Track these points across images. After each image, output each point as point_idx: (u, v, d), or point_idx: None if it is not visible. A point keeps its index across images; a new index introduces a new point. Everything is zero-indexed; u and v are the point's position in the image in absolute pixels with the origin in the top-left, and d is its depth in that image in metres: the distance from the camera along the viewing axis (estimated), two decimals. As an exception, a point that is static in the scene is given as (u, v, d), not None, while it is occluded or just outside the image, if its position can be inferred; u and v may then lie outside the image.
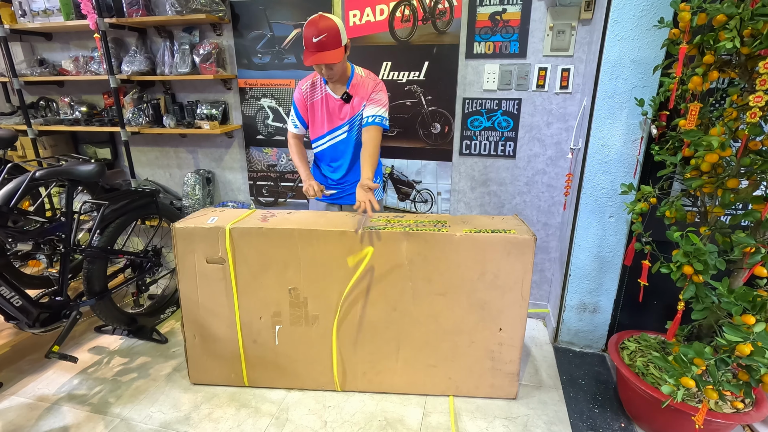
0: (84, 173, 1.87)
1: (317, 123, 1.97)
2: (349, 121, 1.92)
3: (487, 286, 1.72)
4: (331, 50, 1.69)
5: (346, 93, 1.86)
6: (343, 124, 1.93)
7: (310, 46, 1.70)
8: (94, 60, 2.68)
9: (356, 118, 1.91)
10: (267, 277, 1.79)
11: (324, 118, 1.94)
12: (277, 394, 1.91)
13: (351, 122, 1.92)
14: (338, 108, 1.90)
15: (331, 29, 1.67)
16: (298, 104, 1.97)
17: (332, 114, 1.93)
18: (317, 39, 1.66)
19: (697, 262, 1.41)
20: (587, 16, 2.01)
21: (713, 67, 1.32)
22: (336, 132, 1.95)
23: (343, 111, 1.91)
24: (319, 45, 1.67)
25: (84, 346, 2.27)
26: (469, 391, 1.89)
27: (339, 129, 1.94)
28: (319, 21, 1.67)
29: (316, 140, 2.02)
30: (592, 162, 1.95)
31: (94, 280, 2.01)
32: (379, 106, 1.85)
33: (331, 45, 1.69)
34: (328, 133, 1.97)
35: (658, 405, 1.59)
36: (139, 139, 2.88)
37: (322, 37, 1.66)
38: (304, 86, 1.93)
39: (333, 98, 1.89)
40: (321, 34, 1.65)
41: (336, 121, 1.93)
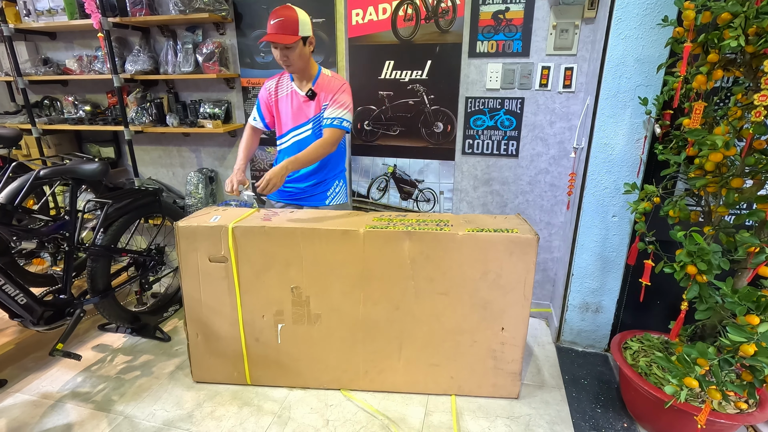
0: (88, 172, 1.88)
1: (283, 119, 2.01)
2: (314, 118, 1.94)
3: (490, 285, 1.72)
4: (283, 33, 1.75)
5: (311, 90, 1.90)
6: (307, 122, 1.96)
7: (268, 26, 1.77)
8: (98, 59, 2.69)
9: (319, 117, 1.93)
10: (269, 275, 1.79)
11: (289, 114, 1.98)
12: (279, 393, 1.91)
13: (315, 120, 1.94)
14: (303, 105, 1.94)
15: (290, 17, 1.74)
16: (261, 101, 2.03)
17: (297, 111, 1.96)
18: (274, 21, 1.74)
19: (700, 262, 1.41)
20: (591, 15, 2.00)
21: (717, 65, 1.31)
22: (300, 129, 1.98)
23: (307, 108, 1.94)
24: (275, 26, 1.74)
25: (88, 344, 2.29)
26: (471, 391, 1.88)
27: (303, 126, 1.97)
28: (282, 9, 1.75)
29: (281, 137, 2.04)
30: (595, 161, 1.94)
31: (97, 279, 2.02)
32: (341, 108, 1.87)
33: (286, 30, 1.74)
34: (292, 129, 1.99)
35: (660, 405, 1.59)
36: (142, 138, 2.89)
37: (279, 20, 1.73)
38: (269, 84, 2.00)
39: (298, 95, 1.93)
40: (278, 18, 1.73)
41: (301, 118, 1.96)
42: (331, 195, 2.10)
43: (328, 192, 2.10)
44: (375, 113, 2.43)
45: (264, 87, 2.01)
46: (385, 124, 2.44)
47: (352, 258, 1.74)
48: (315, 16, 2.35)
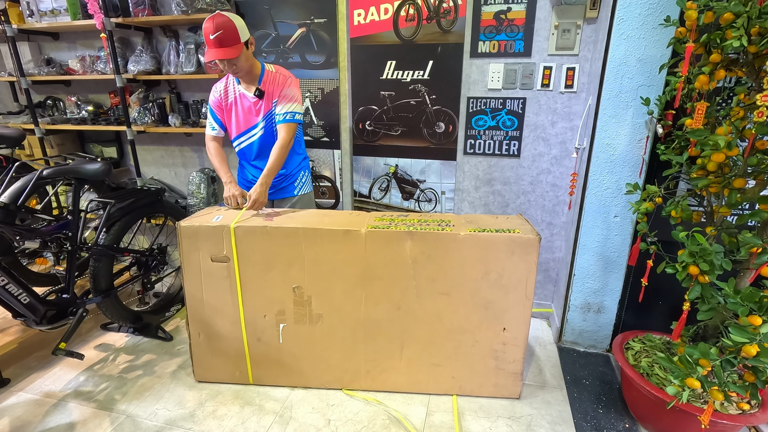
0: (90, 172, 1.89)
1: (234, 123, 2.01)
2: (265, 117, 1.96)
3: (491, 285, 1.72)
4: (228, 46, 1.74)
5: (257, 89, 1.91)
6: (258, 123, 1.97)
7: (208, 42, 1.75)
8: (101, 59, 2.69)
9: (271, 113, 1.95)
10: (271, 275, 1.80)
11: (240, 116, 1.99)
12: (281, 392, 1.92)
13: (266, 118, 1.96)
14: (252, 105, 1.95)
15: (227, 25, 1.72)
16: (213, 106, 2.02)
17: (248, 112, 1.97)
18: (214, 36, 1.71)
19: (702, 263, 1.40)
20: (593, 15, 2.00)
21: (720, 65, 1.31)
22: (253, 130, 2.00)
23: (257, 108, 1.95)
24: (217, 41, 1.72)
25: (90, 343, 2.29)
26: (473, 391, 1.88)
27: (255, 127, 1.99)
28: (215, 18, 1.72)
29: (235, 139, 2.06)
30: (597, 161, 1.94)
31: (100, 278, 2.03)
32: (290, 102, 1.90)
33: (228, 41, 1.74)
34: (246, 131, 2.01)
35: (662, 406, 1.58)
36: (144, 138, 2.90)
37: (219, 33, 1.71)
38: (218, 88, 2.00)
39: (247, 96, 1.94)
40: (217, 30, 1.71)
41: (252, 119, 1.98)
42: (298, 186, 2.15)
43: (295, 183, 2.15)
44: (377, 113, 2.43)
45: (213, 91, 2.01)
46: (387, 124, 2.44)
47: (353, 258, 1.74)
48: (316, 16, 2.35)
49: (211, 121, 2.04)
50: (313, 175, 2.69)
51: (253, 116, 1.98)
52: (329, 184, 2.68)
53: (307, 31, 2.39)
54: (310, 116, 2.56)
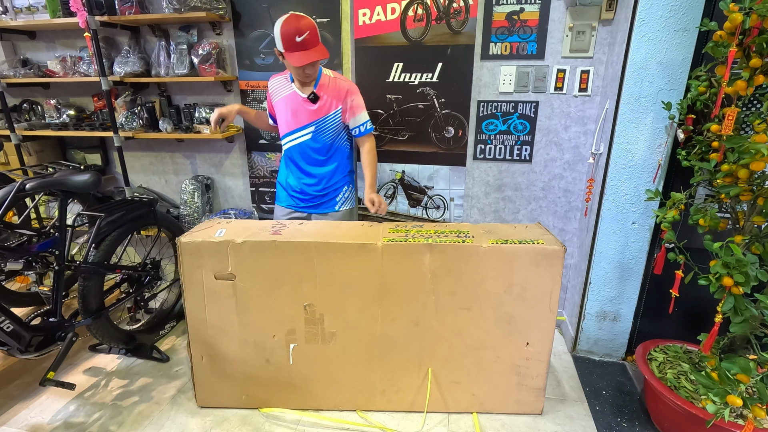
0: (79, 184, 1.73)
1: (281, 120, 1.95)
2: (316, 122, 1.89)
3: (515, 299, 1.64)
4: (316, 47, 1.70)
5: (313, 93, 1.84)
6: (308, 125, 1.89)
7: (293, 45, 1.67)
8: (83, 60, 2.52)
9: (325, 120, 1.89)
10: (280, 293, 1.68)
11: (289, 115, 1.91)
12: (291, 416, 1.80)
13: (318, 124, 1.89)
14: (304, 107, 1.87)
15: (311, 26, 1.68)
16: (268, 97, 2.02)
17: (297, 112, 1.89)
18: (301, 38, 1.66)
19: (737, 274, 1.36)
20: (608, 17, 1.95)
21: (759, 71, 1.26)
22: (301, 131, 1.92)
23: (309, 110, 1.88)
24: (305, 43, 1.67)
25: (78, 367, 2.13)
26: (494, 408, 1.81)
27: (304, 129, 1.91)
28: (299, 20, 1.67)
29: (283, 137, 1.99)
30: (615, 167, 1.89)
31: (90, 298, 1.87)
32: (362, 111, 1.91)
33: (315, 41, 1.70)
34: (294, 131, 1.93)
35: (693, 420, 1.54)
36: (132, 144, 2.73)
37: (306, 35, 1.66)
38: (271, 82, 1.96)
39: (299, 97, 1.87)
40: (303, 32, 1.66)
41: (301, 120, 1.90)
42: (340, 200, 2.04)
43: (337, 198, 2.04)
44: (383, 117, 2.33)
45: (270, 84, 1.98)
46: (394, 128, 2.34)
47: (369, 272, 1.64)
48: (319, 16, 2.24)
49: (269, 109, 2.06)
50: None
51: (302, 118, 1.89)
52: (332, 191, 2.56)
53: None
54: (312, 120, 2.44)
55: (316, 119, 1.88)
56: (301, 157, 1.97)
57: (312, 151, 1.94)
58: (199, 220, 2.61)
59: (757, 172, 1.40)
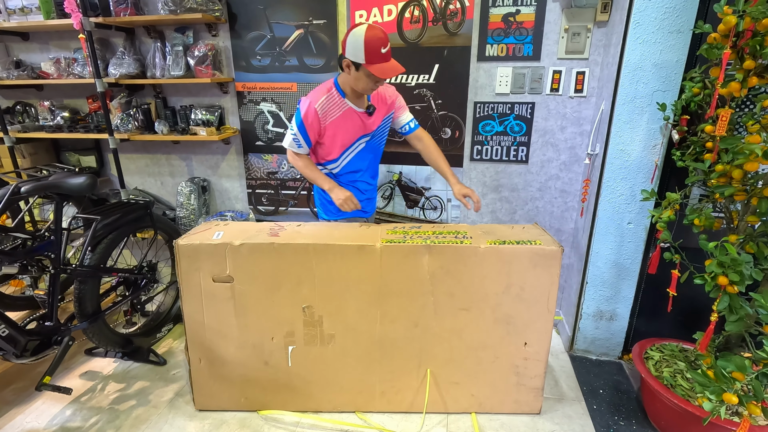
0: (75, 187, 1.72)
1: (339, 140, 1.77)
2: (372, 132, 1.84)
3: (513, 299, 1.65)
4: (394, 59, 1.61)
5: (370, 105, 1.76)
6: (362, 137, 1.82)
7: (378, 57, 1.55)
8: (78, 62, 2.50)
9: (379, 129, 1.86)
10: (279, 295, 1.68)
11: (347, 134, 1.78)
12: (290, 418, 1.80)
13: (373, 134, 1.85)
14: (362, 122, 1.78)
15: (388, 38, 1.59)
16: (309, 126, 1.70)
17: (356, 128, 1.79)
18: (386, 49, 1.56)
19: (732, 273, 1.37)
20: (603, 18, 1.96)
21: (752, 72, 1.28)
22: (355, 144, 1.83)
23: (367, 124, 1.80)
24: (388, 55, 1.58)
25: (74, 371, 2.11)
26: (493, 408, 1.82)
27: (358, 141, 1.83)
28: (380, 30, 1.56)
29: (336, 159, 1.83)
30: (611, 168, 1.90)
31: (86, 302, 1.86)
32: (407, 109, 1.91)
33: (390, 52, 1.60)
34: (348, 147, 1.82)
35: (689, 418, 1.55)
36: (127, 146, 2.71)
37: (389, 47, 1.57)
38: (318, 104, 1.68)
39: (356, 112, 1.75)
40: (387, 43, 1.56)
41: (356, 135, 1.80)
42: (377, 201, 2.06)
43: (376, 198, 2.06)
44: (379, 119, 2.33)
45: (310, 107, 1.67)
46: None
47: (368, 274, 1.64)
48: (315, 18, 2.24)
49: (300, 138, 1.73)
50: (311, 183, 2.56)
51: (359, 132, 1.80)
52: (329, 192, 2.56)
53: (305, 32, 2.27)
54: (308, 122, 2.44)
55: (372, 130, 1.82)
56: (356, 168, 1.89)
57: (366, 159, 1.89)
58: (196, 222, 2.60)
59: (751, 172, 1.42)
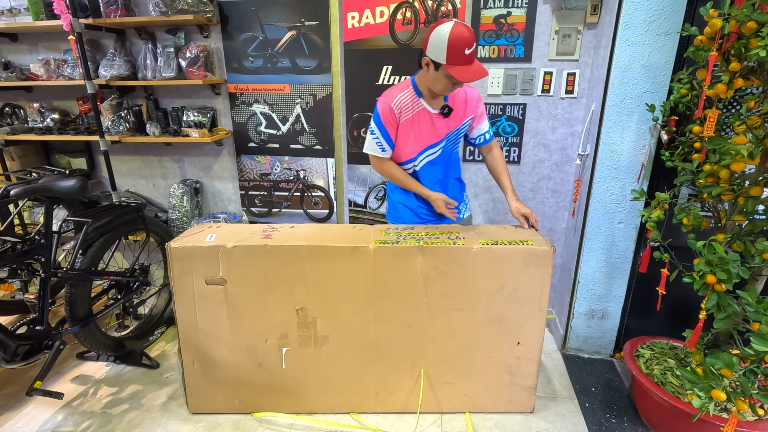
0: (65, 190, 1.71)
1: (411, 142, 1.68)
2: (447, 136, 1.70)
3: (506, 299, 1.66)
4: (476, 61, 1.48)
5: (446, 107, 1.63)
6: (439, 141, 1.70)
7: (461, 58, 1.43)
8: (67, 63, 2.48)
9: (455, 133, 1.72)
10: (272, 297, 1.68)
11: (420, 135, 1.68)
12: (284, 420, 1.80)
13: (447, 138, 1.71)
14: (436, 123, 1.67)
15: (474, 38, 1.46)
16: (387, 124, 1.63)
17: (428, 131, 1.67)
18: (470, 50, 1.43)
19: (720, 272, 1.40)
20: (593, 20, 1.98)
21: (738, 74, 1.30)
22: (430, 150, 1.71)
23: (441, 126, 1.67)
24: (472, 56, 1.46)
25: (66, 375, 2.09)
26: (486, 407, 1.83)
27: (435, 146, 1.71)
28: (468, 29, 1.43)
29: (408, 162, 1.73)
30: (601, 168, 1.92)
31: (77, 305, 1.84)
32: (486, 118, 1.77)
33: (475, 56, 1.49)
34: (423, 151, 1.71)
35: (680, 415, 1.58)
36: (118, 148, 2.69)
37: (474, 47, 1.45)
38: (395, 102, 1.62)
39: (430, 113, 1.64)
40: (473, 44, 1.44)
41: (433, 138, 1.69)
42: (462, 209, 1.93)
43: (459, 206, 1.89)
44: (372, 120, 2.34)
45: (385, 105, 1.62)
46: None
47: (362, 275, 1.64)
48: (307, 19, 2.24)
49: (381, 139, 1.66)
50: (306, 185, 2.57)
51: (434, 135, 1.68)
52: (322, 194, 2.56)
53: (297, 34, 2.26)
54: (302, 123, 2.44)
55: (446, 134, 1.69)
56: (430, 176, 1.78)
57: (440, 167, 1.77)
58: (188, 224, 2.59)
59: (738, 172, 1.44)
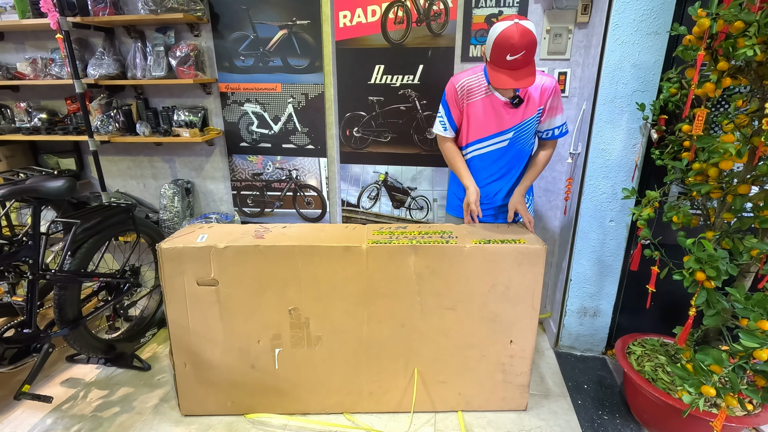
0: (53, 191, 1.68)
1: (473, 127, 1.68)
2: (516, 127, 1.67)
3: (498, 298, 1.67)
4: (525, 69, 1.42)
5: (517, 97, 1.60)
6: (506, 131, 1.67)
7: (501, 62, 1.41)
8: (55, 62, 2.44)
9: (525, 125, 1.67)
10: (265, 298, 1.67)
11: (484, 121, 1.66)
12: (278, 421, 1.79)
13: (517, 129, 1.68)
14: (504, 111, 1.64)
15: (529, 45, 1.37)
16: (450, 103, 1.69)
17: (495, 118, 1.65)
18: (513, 57, 1.38)
19: (709, 269, 1.41)
20: (584, 20, 1.99)
21: (726, 73, 1.31)
22: (495, 138, 1.69)
23: (510, 115, 1.65)
24: (513, 64, 1.41)
25: (55, 379, 2.06)
26: (480, 405, 1.83)
27: (500, 135, 1.69)
28: (520, 35, 1.35)
29: (470, 144, 1.74)
30: (593, 167, 1.93)
31: (66, 308, 1.82)
32: (561, 113, 1.69)
33: (526, 62, 1.40)
34: (485, 138, 1.70)
35: (670, 411, 1.59)
36: (108, 148, 2.66)
37: (520, 55, 1.37)
38: (460, 83, 1.65)
39: (498, 100, 1.63)
40: (518, 52, 1.36)
41: (500, 126, 1.67)
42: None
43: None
44: (365, 119, 2.34)
45: (451, 85, 1.67)
46: (376, 130, 2.35)
47: (354, 275, 1.64)
48: (299, 18, 2.22)
49: (444, 118, 1.72)
50: (298, 184, 2.55)
51: (501, 123, 1.66)
52: (315, 193, 2.55)
53: (288, 33, 2.25)
54: (294, 123, 2.43)
55: (516, 124, 1.65)
56: (490, 166, 1.77)
57: (503, 160, 1.75)
58: (180, 224, 2.56)
59: (726, 170, 1.46)
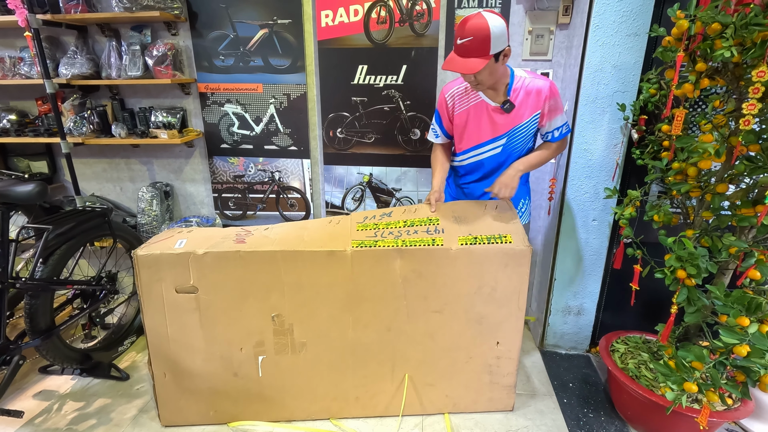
0: (23, 195, 1.61)
1: (466, 135, 1.70)
2: (508, 133, 1.66)
3: (485, 299, 1.66)
4: (471, 57, 1.44)
5: (507, 102, 1.60)
6: (498, 137, 1.67)
7: (455, 45, 1.47)
8: (24, 61, 2.34)
9: (517, 130, 1.67)
10: (247, 304, 1.63)
11: (475, 129, 1.67)
12: (263, 429, 1.75)
13: (510, 135, 1.67)
14: (495, 117, 1.64)
15: (481, 33, 1.41)
16: (441, 111, 1.74)
17: (487, 124, 1.66)
18: (461, 41, 1.43)
19: (690, 267, 1.43)
20: (565, 21, 2.01)
21: (704, 74, 1.33)
22: (488, 145, 1.70)
23: (502, 121, 1.64)
24: (461, 49, 1.45)
25: (27, 391, 1.97)
26: (467, 407, 1.83)
27: (492, 142, 1.69)
28: (469, 20, 1.42)
29: (461, 153, 1.77)
30: (575, 167, 1.95)
31: (38, 317, 1.74)
32: (560, 114, 1.66)
33: (474, 52, 1.43)
34: (477, 146, 1.71)
35: (654, 407, 1.61)
36: (82, 150, 2.57)
37: (467, 40, 1.42)
38: (450, 92, 1.68)
39: (489, 107, 1.64)
40: (467, 36, 1.42)
41: (492, 132, 1.67)
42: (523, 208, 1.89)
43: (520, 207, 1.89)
44: (348, 120, 2.31)
45: (442, 94, 1.72)
46: (360, 131, 2.32)
47: (339, 280, 1.61)
48: (280, 17, 2.18)
49: (435, 126, 1.79)
50: (281, 186, 2.51)
51: (493, 130, 1.66)
52: (298, 195, 2.51)
53: (269, 32, 2.21)
54: (276, 124, 2.39)
55: (508, 130, 1.65)
56: (484, 174, 1.79)
57: (497, 167, 1.75)
58: (159, 228, 2.49)
59: (705, 169, 1.49)
